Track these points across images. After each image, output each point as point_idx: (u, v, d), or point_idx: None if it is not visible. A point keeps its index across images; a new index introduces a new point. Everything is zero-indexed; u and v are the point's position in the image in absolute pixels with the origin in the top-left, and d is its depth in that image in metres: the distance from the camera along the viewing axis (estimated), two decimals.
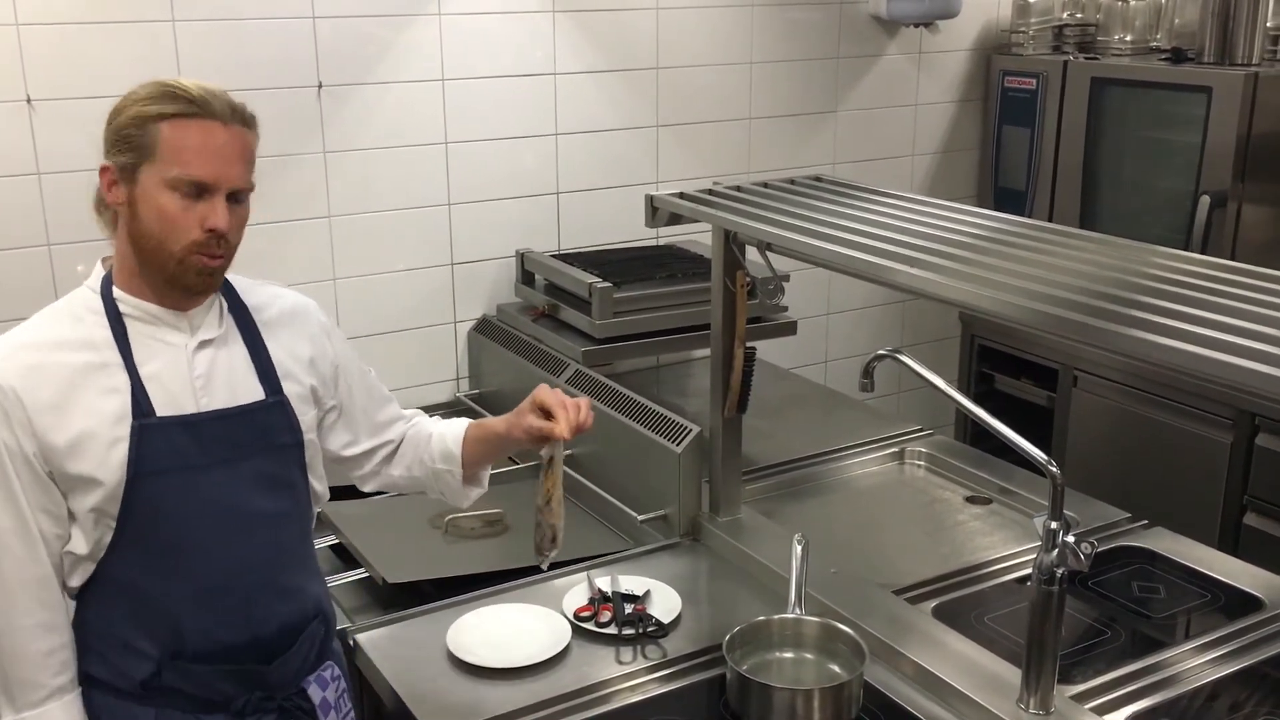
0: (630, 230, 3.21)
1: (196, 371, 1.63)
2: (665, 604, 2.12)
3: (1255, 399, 1.38)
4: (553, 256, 3.08)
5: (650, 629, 2.06)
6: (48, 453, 1.56)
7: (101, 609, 1.63)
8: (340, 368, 1.82)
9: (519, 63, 3.04)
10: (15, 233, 2.56)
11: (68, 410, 1.55)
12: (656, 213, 2.32)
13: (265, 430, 1.67)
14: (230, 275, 1.71)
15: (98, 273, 1.66)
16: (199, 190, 1.55)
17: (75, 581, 1.63)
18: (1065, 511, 1.72)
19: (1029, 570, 1.77)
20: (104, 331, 1.60)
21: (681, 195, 2.30)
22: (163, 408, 1.59)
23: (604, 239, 3.24)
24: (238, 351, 1.68)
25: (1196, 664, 1.92)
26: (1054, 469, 1.71)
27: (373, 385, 1.90)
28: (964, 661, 1.91)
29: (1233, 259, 1.74)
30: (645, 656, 2.00)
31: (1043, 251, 1.80)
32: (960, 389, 1.96)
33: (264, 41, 2.72)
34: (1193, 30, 3.41)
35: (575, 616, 2.09)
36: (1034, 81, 3.57)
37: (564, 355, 2.82)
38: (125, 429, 1.56)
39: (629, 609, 2.10)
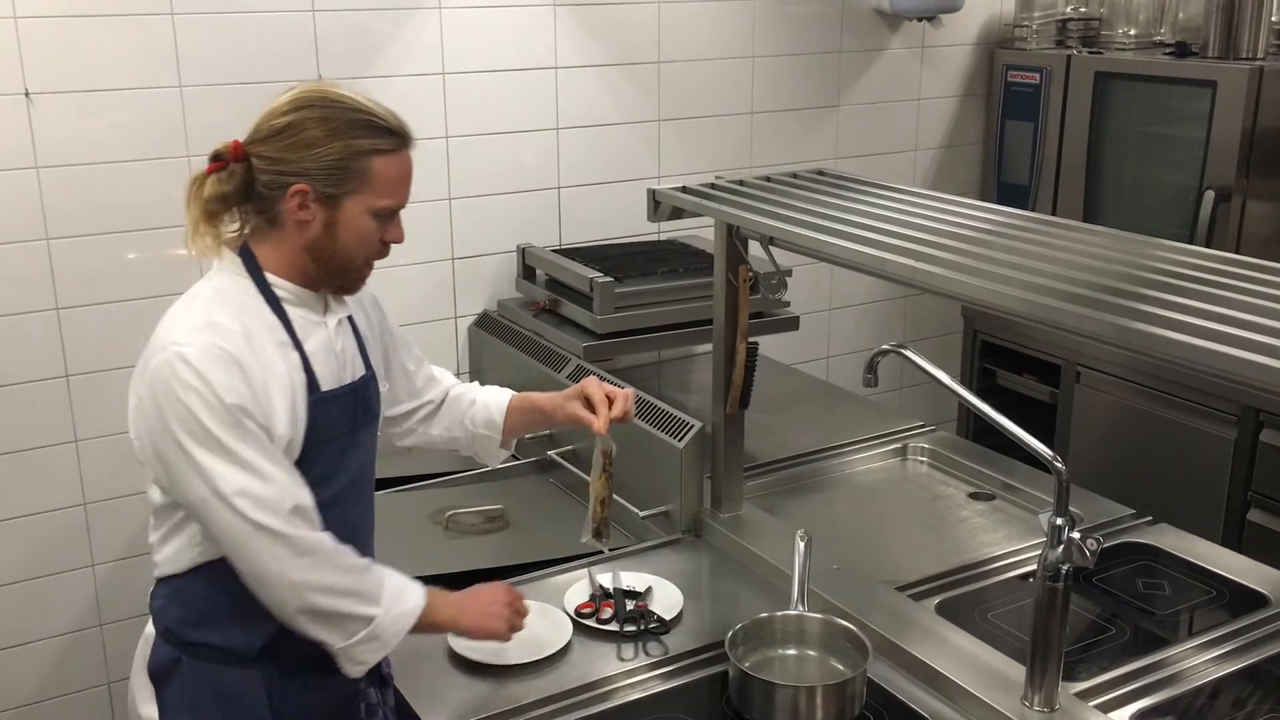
0: (632, 225, 3.19)
1: (338, 348, 1.73)
2: (667, 600, 2.11)
3: (1260, 393, 1.37)
4: (554, 251, 3.07)
5: (652, 626, 2.05)
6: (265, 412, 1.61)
7: (237, 577, 1.64)
8: (391, 336, 1.94)
9: (520, 56, 3.03)
10: (13, 227, 2.54)
11: (269, 385, 1.61)
12: (659, 207, 2.31)
13: (372, 402, 1.80)
14: None
15: (234, 261, 1.67)
16: (393, 213, 1.69)
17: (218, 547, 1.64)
18: (1070, 508, 1.71)
19: (1032, 567, 1.76)
20: (269, 314, 1.66)
21: (684, 189, 2.29)
22: (325, 382, 1.69)
23: (605, 234, 3.23)
24: (348, 330, 1.78)
25: (1201, 661, 1.91)
26: (1059, 465, 1.70)
27: (411, 347, 2.01)
28: (967, 658, 1.90)
29: (1237, 254, 1.73)
30: (647, 653, 1.99)
31: (1047, 245, 1.79)
32: (962, 385, 1.95)
33: (263, 35, 2.71)
34: (1197, 24, 3.39)
35: (576, 613, 2.08)
36: (1037, 76, 3.56)
37: (565, 350, 2.81)
38: (304, 403, 1.65)
39: (630, 605, 2.09)
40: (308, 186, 1.61)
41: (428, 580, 2.01)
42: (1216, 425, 3.03)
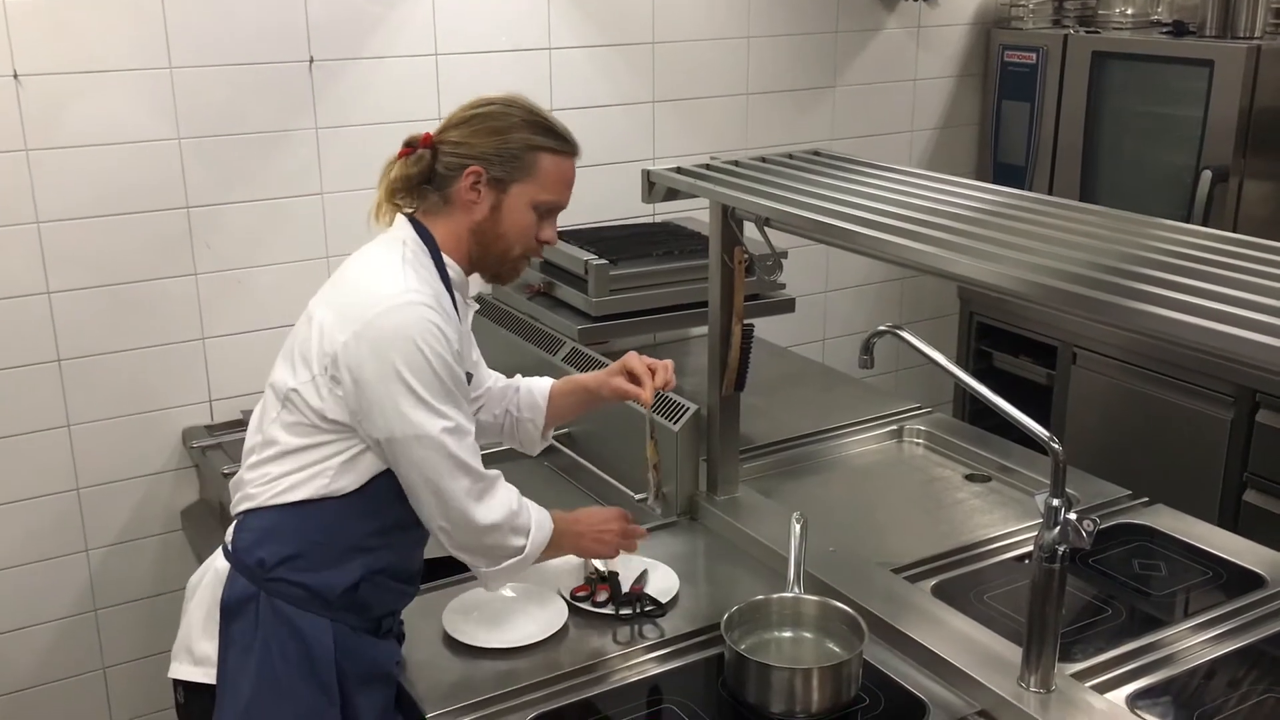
0: (627, 207, 3.18)
1: (467, 330, 1.87)
2: (663, 583, 2.11)
3: (1257, 373, 1.36)
4: None
5: (648, 608, 2.04)
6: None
7: (351, 517, 1.75)
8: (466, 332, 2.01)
9: (513, 38, 3.01)
10: (3, 210, 2.53)
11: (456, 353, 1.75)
12: (653, 188, 2.30)
13: (466, 389, 1.87)
14: None
15: (411, 232, 1.80)
16: (550, 211, 1.84)
17: (349, 481, 1.73)
18: (1066, 489, 1.70)
19: (1028, 548, 1.76)
20: (442, 286, 1.79)
21: (679, 170, 2.28)
22: (463, 361, 1.81)
23: (600, 216, 3.21)
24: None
25: (1198, 641, 1.91)
26: (1056, 446, 1.69)
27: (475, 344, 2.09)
28: (964, 640, 1.90)
29: (1235, 234, 1.72)
30: (643, 636, 1.99)
31: (1044, 225, 1.78)
32: (958, 367, 1.94)
33: (254, 15, 2.69)
34: (1194, 3, 3.38)
35: (572, 596, 2.08)
36: (1034, 56, 3.54)
37: (560, 333, 2.80)
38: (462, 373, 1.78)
39: (626, 588, 2.08)
40: (482, 169, 1.77)
41: (429, 564, 2.02)
42: (1213, 406, 3.03)
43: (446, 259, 1.81)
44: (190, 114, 2.64)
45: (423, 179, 1.81)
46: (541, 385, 2.12)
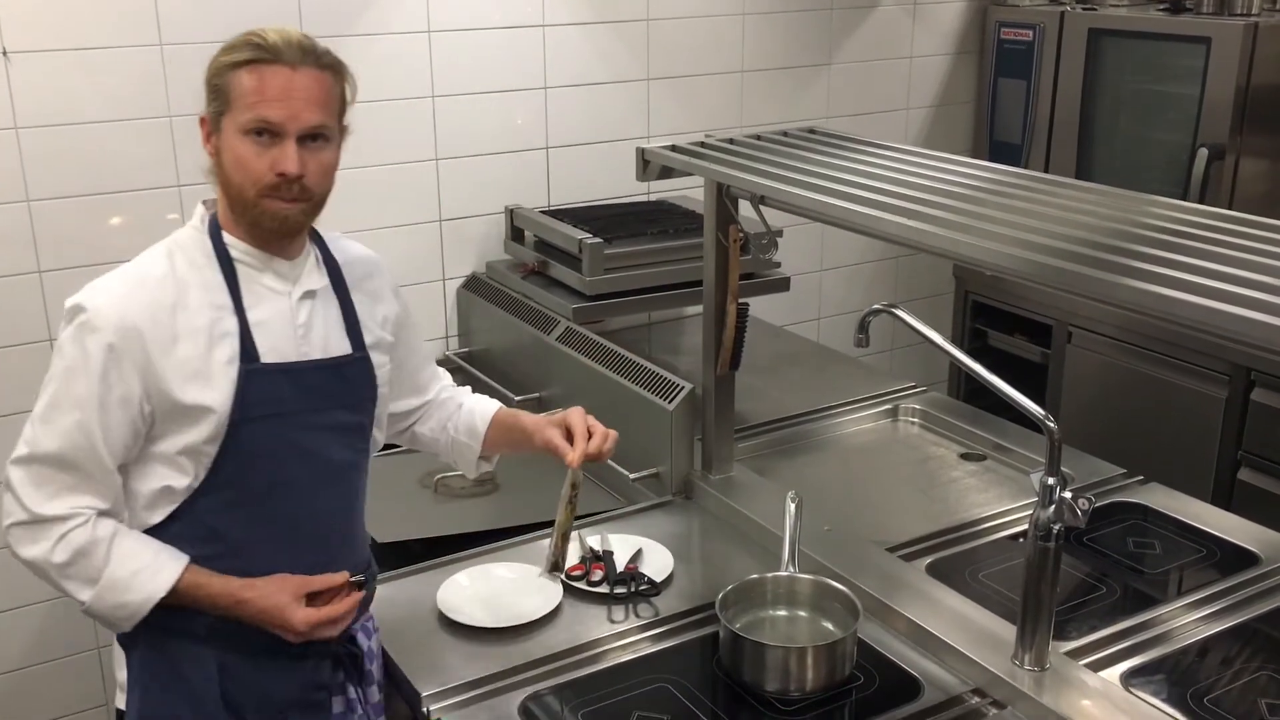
0: (621, 186, 3.16)
1: (299, 320, 1.67)
2: (657, 563, 2.11)
3: (1252, 351, 1.36)
4: (542, 212, 3.04)
5: (642, 588, 2.04)
6: (156, 391, 1.57)
7: (176, 544, 1.63)
8: (403, 327, 1.88)
9: (507, 14, 2.99)
10: None
11: (183, 349, 1.58)
12: (648, 166, 2.29)
13: (353, 384, 1.73)
14: (321, 229, 1.77)
15: (201, 214, 1.68)
16: (271, 134, 1.57)
17: (154, 518, 1.63)
18: (1061, 467, 1.70)
19: (1023, 527, 1.76)
20: (217, 275, 1.63)
21: (673, 148, 2.26)
22: (267, 354, 1.63)
23: (594, 195, 3.20)
24: (332, 305, 1.73)
25: (1191, 619, 1.92)
26: (1051, 424, 1.69)
27: (422, 346, 1.99)
28: (958, 618, 1.90)
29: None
30: (637, 615, 1.99)
31: (1040, 202, 1.78)
32: (954, 345, 1.94)
33: None
34: None
35: (566, 575, 2.07)
36: (1030, 33, 3.52)
37: (554, 312, 2.79)
38: (234, 372, 1.60)
39: (621, 568, 2.08)
40: (205, 114, 1.63)
41: (417, 541, 2.01)
42: (1208, 384, 3.03)
43: (229, 240, 1.65)
44: (181, 92, 2.61)
45: None
46: (484, 410, 1.97)
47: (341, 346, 1.72)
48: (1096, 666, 1.79)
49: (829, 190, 1.91)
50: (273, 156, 1.58)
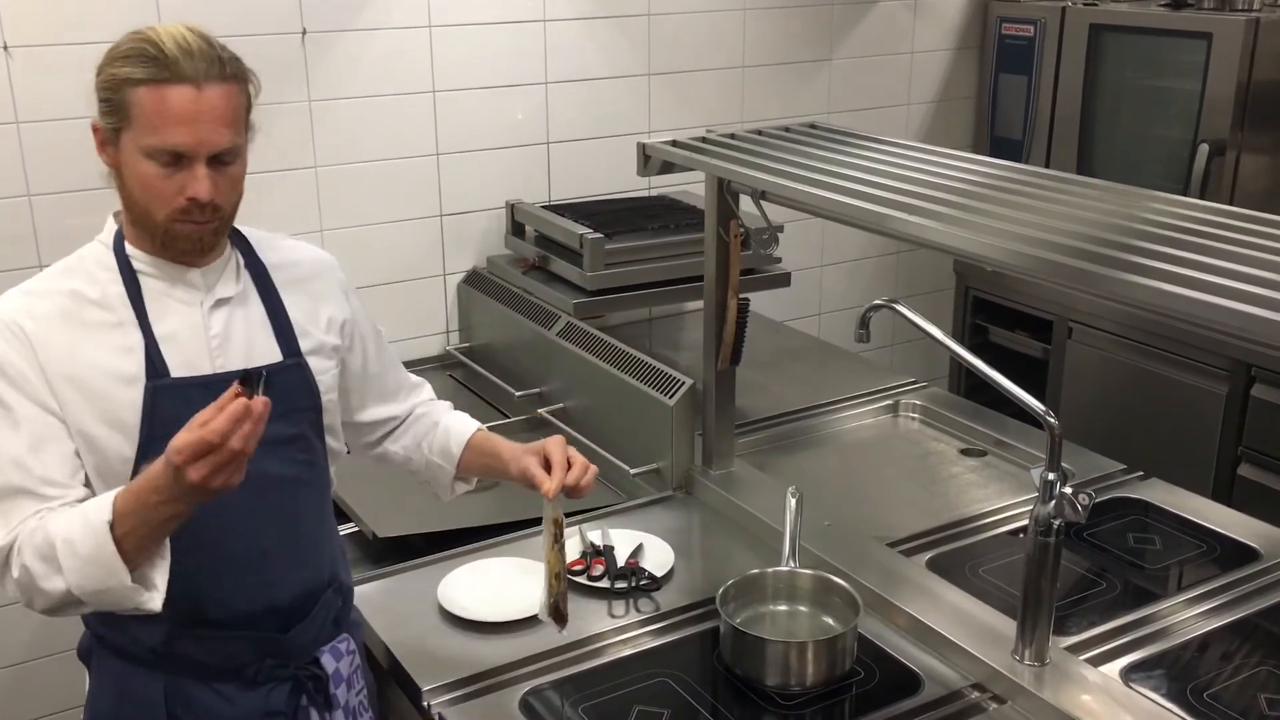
0: (622, 181, 3.17)
1: (213, 331, 1.59)
2: (658, 557, 2.11)
3: (1252, 347, 1.37)
4: (543, 208, 3.04)
5: (643, 583, 2.05)
6: (63, 403, 1.50)
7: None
8: (357, 330, 1.79)
9: (508, 9, 2.99)
10: None
11: (81, 366, 1.51)
12: (649, 161, 2.29)
13: (283, 393, 1.58)
14: (246, 230, 1.68)
15: (110, 228, 1.61)
16: (178, 158, 1.49)
17: None
18: (1062, 463, 1.70)
19: (1023, 522, 1.76)
20: (118, 288, 1.55)
21: (674, 143, 2.26)
22: (178, 368, 1.55)
23: (595, 190, 3.20)
24: (255, 311, 1.63)
25: (1191, 615, 1.92)
26: (1052, 420, 1.69)
27: (385, 351, 1.87)
28: (958, 613, 1.90)
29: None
30: (638, 610, 1.99)
31: (1041, 198, 1.77)
32: (954, 341, 1.94)
33: None
34: None
35: (568, 570, 2.07)
36: (1032, 28, 3.52)
37: (555, 308, 2.79)
38: (139, 390, 1.52)
39: (621, 562, 2.08)
40: (99, 124, 1.54)
41: (418, 535, 2.00)
42: (1208, 380, 3.02)
43: (132, 251, 1.57)
44: None
45: None
46: (460, 431, 1.87)
47: (269, 354, 1.62)
48: (1096, 661, 1.79)
49: (830, 185, 1.90)
50: (181, 180, 1.50)
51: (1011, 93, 3.62)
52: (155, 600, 1.46)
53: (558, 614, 1.73)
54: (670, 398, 2.33)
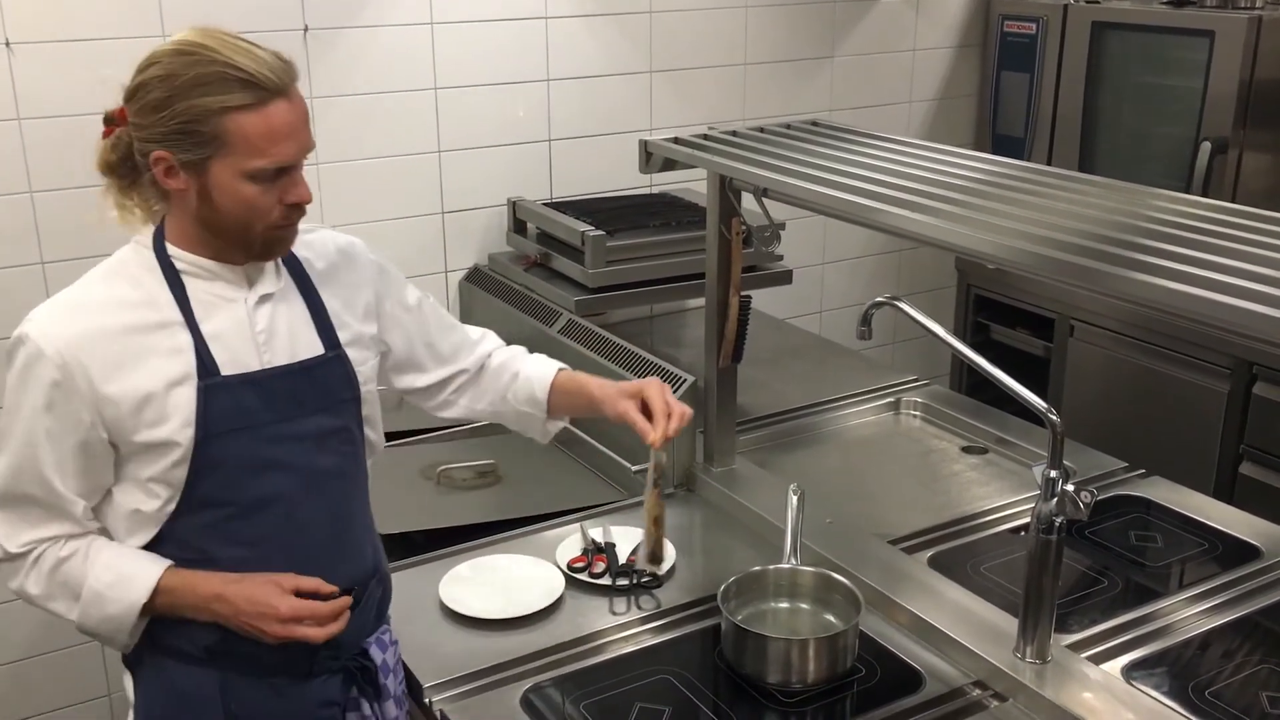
0: (624, 178, 3.16)
1: (258, 327, 1.59)
2: None
3: (1254, 345, 1.36)
4: (545, 205, 3.04)
5: (644, 580, 2.05)
6: (111, 422, 1.51)
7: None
8: (396, 305, 1.81)
9: (510, 6, 2.98)
10: None
11: (132, 374, 1.51)
12: (650, 158, 2.29)
13: (326, 386, 1.63)
14: None
15: (143, 233, 1.60)
16: (279, 171, 1.51)
17: (135, 542, 1.59)
18: (1064, 461, 1.70)
19: (1025, 520, 1.76)
20: (163, 291, 1.55)
21: (676, 140, 2.26)
22: (227, 366, 1.55)
23: (597, 187, 3.19)
24: (296, 305, 1.64)
25: (1193, 613, 1.92)
26: (1054, 417, 1.69)
27: (432, 313, 1.88)
28: (960, 611, 1.90)
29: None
30: (639, 607, 1.99)
31: (1043, 195, 1.77)
32: (956, 339, 1.94)
33: None
34: None
35: (568, 567, 2.08)
36: (1034, 26, 3.52)
37: (556, 305, 2.79)
38: (191, 390, 1.52)
39: (623, 560, 2.08)
40: (168, 153, 1.48)
41: (419, 532, 1.99)
42: (1209, 378, 3.02)
43: (175, 253, 1.56)
44: None
45: (131, 164, 1.55)
46: (543, 374, 1.90)
47: (312, 347, 1.63)
48: (1098, 659, 1.79)
49: (832, 183, 1.90)
50: (280, 189, 1.51)
51: (1013, 90, 3.62)
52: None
53: (654, 559, 1.83)
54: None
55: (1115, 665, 1.79)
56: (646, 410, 1.77)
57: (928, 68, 3.72)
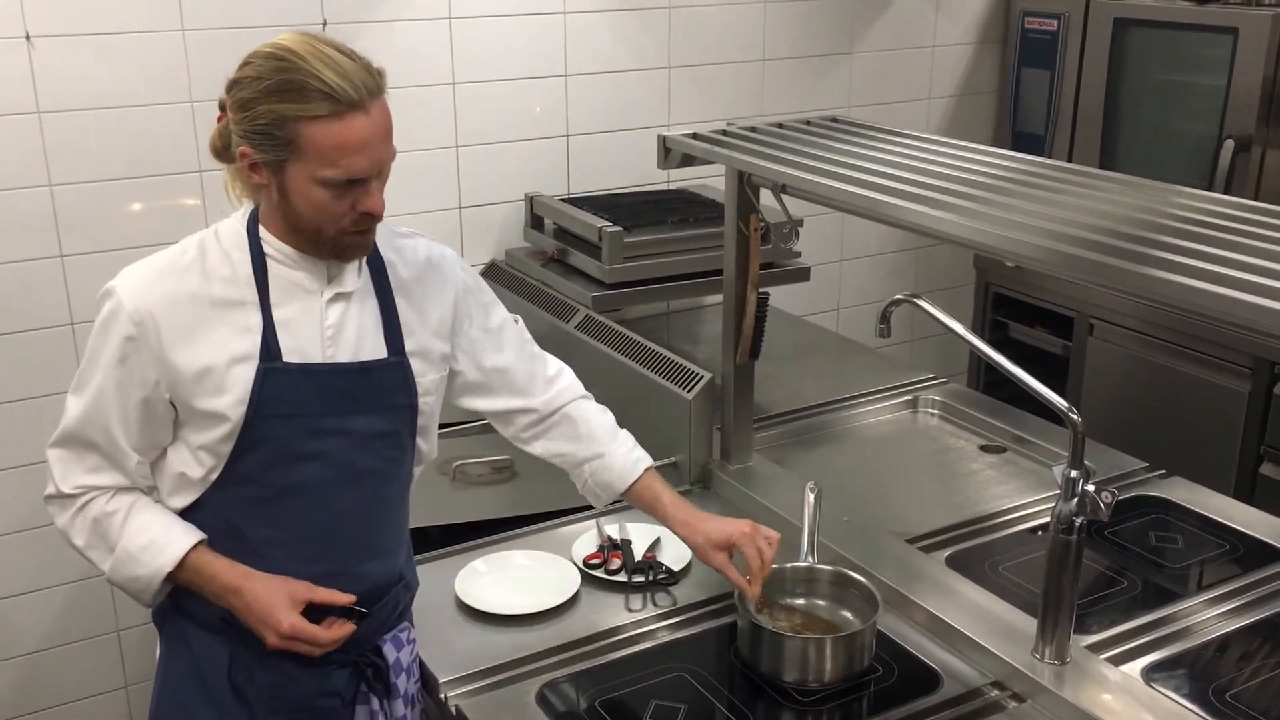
0: (641, 174, 3.16)
1: (327, 322, 1.63)
2: (675, 552, 2.11)
3: (1276, 343, 1.35)
4: (562, 200, 3.04)
5: (660, 576, 2.04)
6: (173, 385, 1.58)
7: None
8: (475, 327, 1.81)
9: (528, 1, 2.98)
10: (16, 172, 2.52)
11: (200, 344, 1.57)
12: (669, 154, 2.28)
13: (383, 389, 1.66)
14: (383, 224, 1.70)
15: (246, 207, 1.65)
16: (351, 182, 1.53)
17: (176, 503, 1.65)
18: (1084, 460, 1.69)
19: (1043, 520, 1.75)
20: (246, 270, 1.60)
21: (694, 136, 2.25)
22: (289, 354, 1.60)
23: (614, 183, 3.19)
24: (369, 307, 1.67)
25: (1213, 615, 1.91)
26: (1075, 416, 1.68)
27: (513, 339, 1.88)
28: (978, 610, 1.89)
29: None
30: (655, 604, 1.99)
31: (1063, 192, 1.76)
32: (976, 337, 1.93)
33: None
34: None
35: (585, 564, 2.07)
36: (1055, 22, 3.49)
37: (573, 301, 2.79)
38: (251, 369, 1.58)
39: (639, 556, 2.08)
40: (250, 150, 1.53)
41: (436, 527, 1.99)
42: (1230, 378, 3.00)
43: (266, 237, 1.61)
44: (202, 77, 2.62)
45: (231, 151, 1.59)
46: (623, 474, 1.90)
47: (376, 350, 1.66)
48: (1117, 661, 1.78)
49: (851, 179, 1.89)
50: (352, 197, 1.54)
51: (1034, 87, 3.60)
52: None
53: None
54: (689, 392, 2.32)
55: (1135, 667, 1.77)
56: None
57: (948, 64, 3.70)
